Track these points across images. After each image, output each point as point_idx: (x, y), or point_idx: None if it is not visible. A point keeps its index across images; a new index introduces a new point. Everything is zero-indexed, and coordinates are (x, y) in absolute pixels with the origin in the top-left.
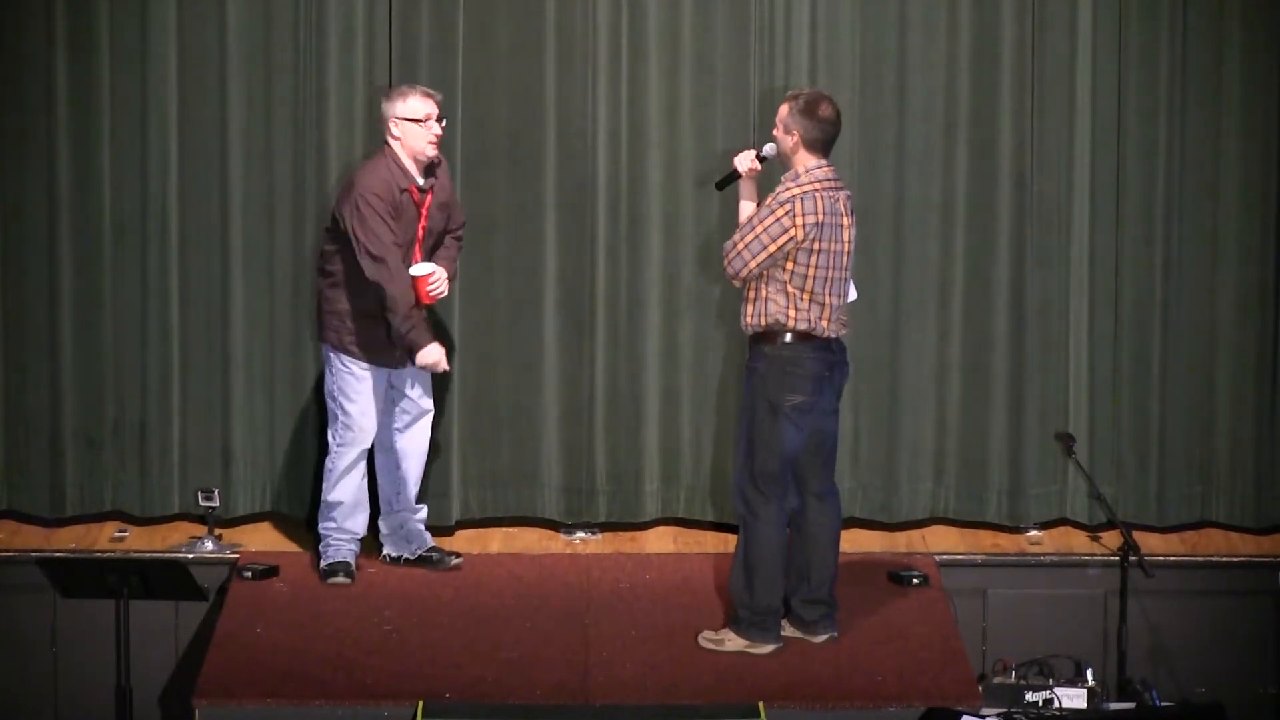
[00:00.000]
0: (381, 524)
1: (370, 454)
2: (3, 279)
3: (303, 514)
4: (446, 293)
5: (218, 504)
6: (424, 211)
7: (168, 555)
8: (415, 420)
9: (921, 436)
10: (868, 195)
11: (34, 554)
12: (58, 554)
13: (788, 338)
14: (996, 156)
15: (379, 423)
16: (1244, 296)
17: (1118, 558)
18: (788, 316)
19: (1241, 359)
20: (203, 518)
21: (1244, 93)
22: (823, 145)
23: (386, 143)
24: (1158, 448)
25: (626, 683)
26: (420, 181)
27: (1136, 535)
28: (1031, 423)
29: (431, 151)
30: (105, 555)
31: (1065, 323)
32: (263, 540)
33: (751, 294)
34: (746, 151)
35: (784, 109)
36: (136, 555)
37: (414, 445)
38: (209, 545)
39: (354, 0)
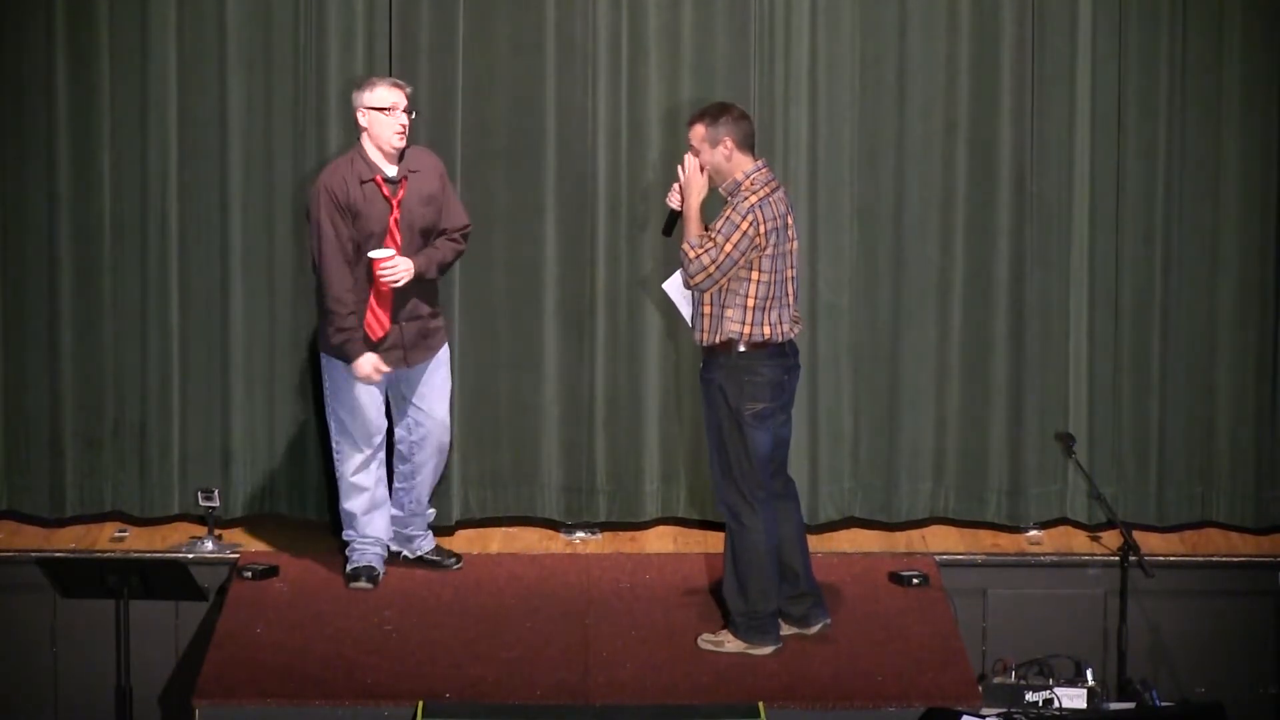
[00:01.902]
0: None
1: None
2: (3, 279)
3: (303, 514)
4: (401, 283)
5: (218, 504)
6: (395, 203)
7: (168, 555)
8: (431, 432)
9: (921, 436)
10: (868, 195)
11: (34, 554)
12: (58, 554)
13: (742, 347)
14: (996, 156)
15: (398, 438)
16: (1244, 296)
17: (1118, 558)
18: (743, 332)
19: (1241, 359)
20: (203, 518)
21: (1244, 93)
22: (752, 141)
23: (359, 135)
24: (1158, 448)
25: (626, 683)
26: (388, 172)
27: (1136, 535)
28: (1031, 423)
29: (398, 142)
30: (105, 555)
31: (1065, 323)
32: (263, 540)
33: (708, 309)
34: (674, 186)
35: (699, 129)
36: (136, 555)
37: (429, 457)
38: (209, 545)
39: (354, 0)
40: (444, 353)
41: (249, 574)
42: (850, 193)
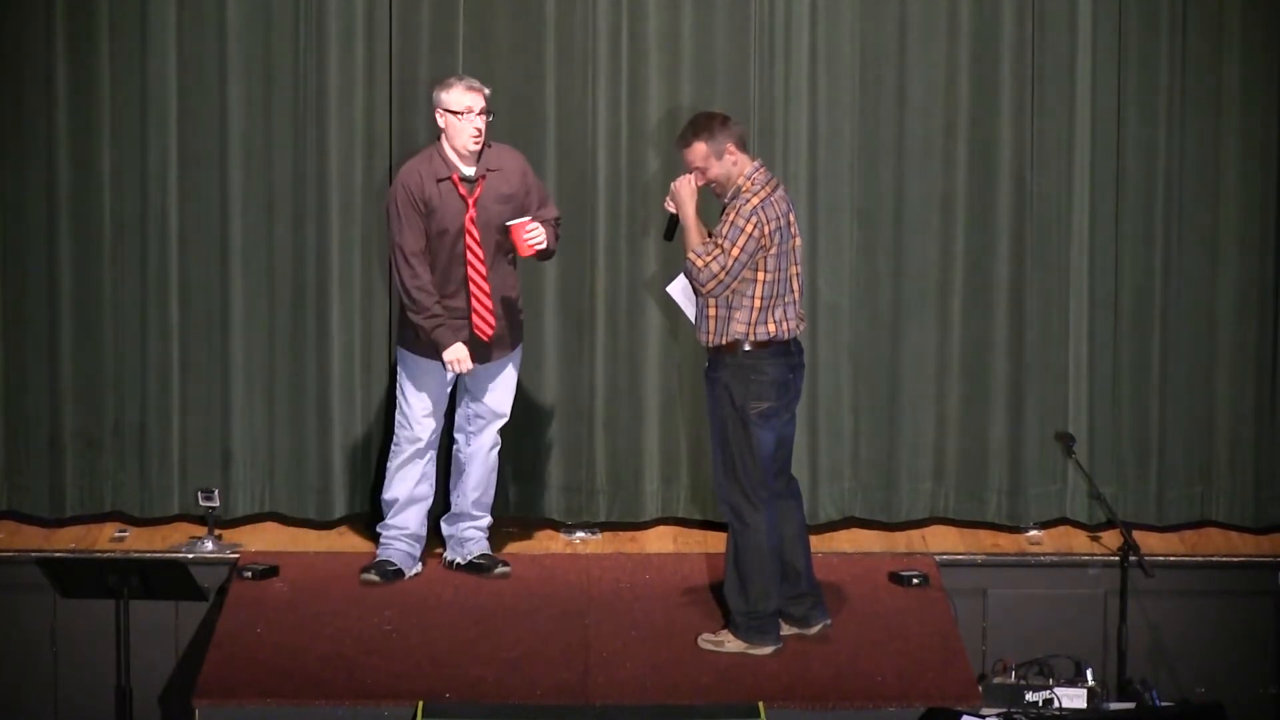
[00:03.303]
0: (443, 525)
1: (446, 454)
2: (3, 279)
3: (303, 514)
4: (545, 244)
5: (218, 504)
6: (471, 202)
7: (168, 555)
8: (487, 426)
9: (921, 437)
10: (868, 195)
11: (34, 554)
12: (58, 554)
13: (747, 346)
14: (996, 156)
15: (457, 427)
16: (1244, 296)
17: (1118, 558)
18: (749, 332)
19: (1241, 359)
20: (203, 518)
21: (1244, 93)
22: (746, 140)
23: (438, 134)
24: (1158, 448)
25: (626, 683)
26: (464, 170)
27: (1136, 535)
28: (1031, 423)
29: (473, 145)
30: (105, 555)
31: (1065, 323)
32: (263, 540)
33: (713, 311)
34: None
35: (700, 148)
36: (136, 555)
37: (477, 451)
38: (209, 545)
39: (354, 0)
40: (518, 348)
41: (249, 574)
42: (850, 193)
